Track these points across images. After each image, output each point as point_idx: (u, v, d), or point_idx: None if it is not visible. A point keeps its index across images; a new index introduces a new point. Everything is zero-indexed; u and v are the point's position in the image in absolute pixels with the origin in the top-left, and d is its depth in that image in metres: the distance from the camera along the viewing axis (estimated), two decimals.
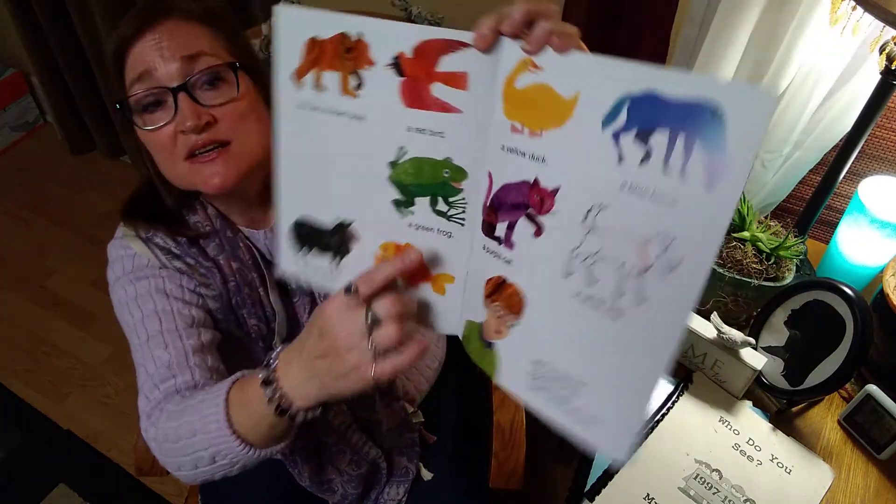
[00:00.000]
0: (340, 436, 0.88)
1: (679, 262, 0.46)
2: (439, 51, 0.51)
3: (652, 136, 0.45)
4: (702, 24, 1.02)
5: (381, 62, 0.53)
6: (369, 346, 0.55)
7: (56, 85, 2.21)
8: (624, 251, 0.48)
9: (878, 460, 0.90)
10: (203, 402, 0.66)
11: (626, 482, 0.86)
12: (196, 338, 0.77)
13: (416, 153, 0.55)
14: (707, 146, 0.43)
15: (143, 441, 1.00)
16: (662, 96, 0.44)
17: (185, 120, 0.71)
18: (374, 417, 0.90)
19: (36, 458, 1.63)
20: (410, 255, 0.57)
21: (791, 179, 1.15)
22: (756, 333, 0.98)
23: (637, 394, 0.50)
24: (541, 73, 0.49)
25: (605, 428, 0.52)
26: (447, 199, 0.56)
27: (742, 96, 0.42)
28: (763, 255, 0.97)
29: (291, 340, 0.87)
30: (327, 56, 0.54)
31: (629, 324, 0.49)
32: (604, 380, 0.52)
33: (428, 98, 0.53)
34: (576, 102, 0.48)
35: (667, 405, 0.94)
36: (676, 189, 0.45)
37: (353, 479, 0.90)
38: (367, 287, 0.56)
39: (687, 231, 0.45)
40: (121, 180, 2.32)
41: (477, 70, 0.51)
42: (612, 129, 0.47)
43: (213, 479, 0.69)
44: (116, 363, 1.83)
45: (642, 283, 0.48)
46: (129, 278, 0.80)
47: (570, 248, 0.51)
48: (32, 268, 2.07)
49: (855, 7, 0.83)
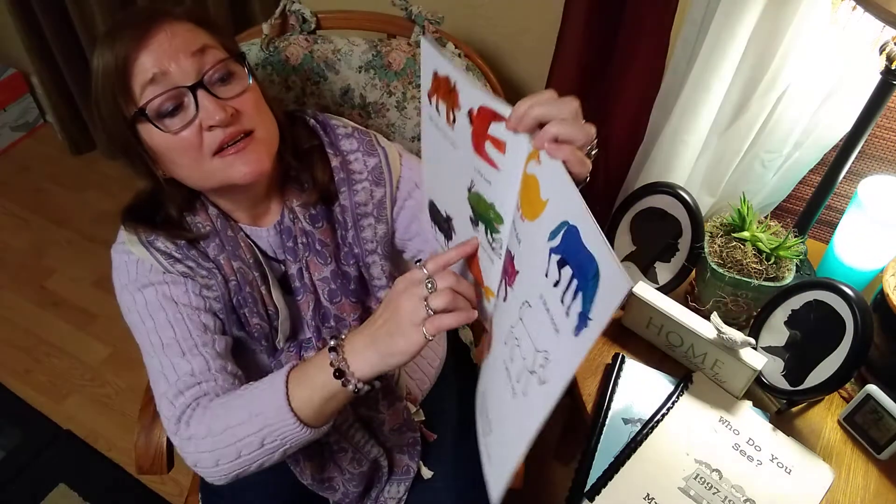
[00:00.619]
0: (343, 434, 0.88)
1: (546, 380, 0.53)
2: (490, 117, 0.59)
3: (564, 268, 0.51)
4: (702, 24, 1.02)
5: (464, 109, 0.62)
6: (426, 306, 0.64)
7: (56, 85, 2.21)
8: (526, 349, 0.57)
9: (878, 460, 0.90)
10: (258, 388, 0.73)
11: (626, 482, 0.86)
12: (212, 346, 0.79)
13: (478, 189, 0.65)
14: (583, 299, 0.48)
15: (143, 440, 1.00)
16: (580, 238, 0.49)
17: (211, 115, 0.72)
18: (376, 417, 0.90)
19: (36, 458, 1.62)
20: (472, 243, 0.68)
21: (791, 179, 1.15)
22: (756, 333, 0.98)
23: (508, 458, 0.59)
24: (538, 168, 0.55)
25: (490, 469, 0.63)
26: (493, 234, 0.66)
27: (612, 272, 0.45)
28: (763, 255, 0.97)
29: (295, 338, 0.88)
30: (442, 89, 0.65)
31: (516, 404, 0.59)
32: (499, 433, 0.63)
33: (482, 150, 0.61)
34: (545, 207, 0.54)
35: (667, 405, 0.94)
36: (561, 321, 0.51)
37: (355, 477, 0.90)
38: (433, 265, 0.66)
39: (557, 358, 0.52)
40: (121, 180, 2.32)
41: (511, 143, 0.58)
42: (550, 246, 0.53)
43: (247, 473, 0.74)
44: (116, 363, 1.83)
45: (527, 382, 0.56)
46: (134, 286, 0.80)
47: (510, 325, 0.61)
48: (32, 268, 2.07)
49: (855, 7, 0.83)
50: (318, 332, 0.86)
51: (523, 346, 0.57)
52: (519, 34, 1.33)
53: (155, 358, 0.78)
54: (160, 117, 0.73)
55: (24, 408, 1.73)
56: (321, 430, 0.73)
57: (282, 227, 0.84)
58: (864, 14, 0.80)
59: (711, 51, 0.98)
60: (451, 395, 1.06)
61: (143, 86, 0.72)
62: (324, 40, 1.07)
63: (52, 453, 1.64)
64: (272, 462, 0.74)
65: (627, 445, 0.89)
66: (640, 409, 0.94)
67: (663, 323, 0.97)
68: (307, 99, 1.09)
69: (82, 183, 2.34)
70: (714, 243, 1.00)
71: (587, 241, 0.48)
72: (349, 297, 0.86)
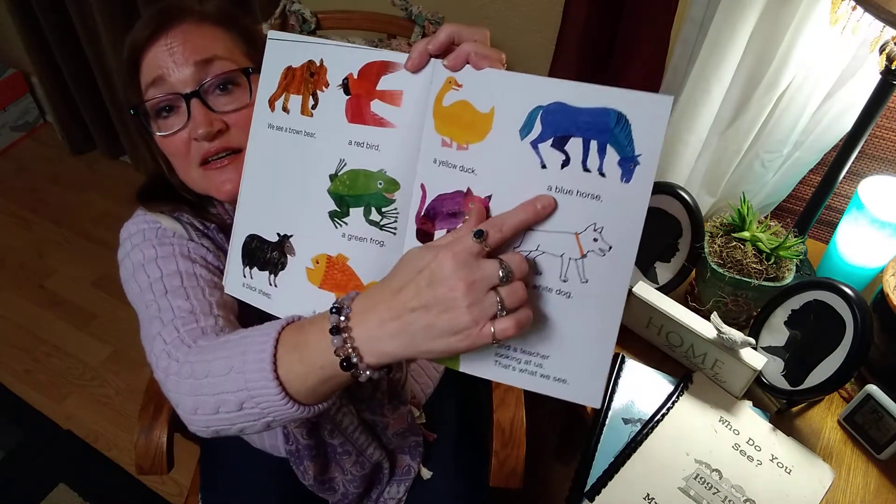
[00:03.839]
0: (347, 437, 0.88)
1: (610, 246, 0.52)
2: (380, 71, 0.57)
3: (567, 143, 0.51)
4: (702, 24, 1.02)
5: (334, 83, 0.59)
6: (497, 301, 0.50)
7: (56, 85, 2.21)
8: (561, 245, 0.53)
9: (878, 460, 0.90)
10: (247, 338, 0.58)
11: (626, 482, 0.86)
12: (219, 296, 0.72)
13: (354, 165, 0.59)
14: (618, 147, 0.50)
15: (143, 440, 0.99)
16: (571, 106, 0.50)
17: (196, 127, 0.71)
18: (380, 421, 0.90)
19: (36, 458, 1.62)
20: (544, 201, 0.52)
21: (791, 179, 1.15)
22: (756, 333, 0.98)
23: (598, 351, 0.55)
24: (461, 91, 0.54)
25: (575, 386, 0.57)
26: (380, 209, 0.59)
27: (642, 102, 0.49)
28: (763, 255, 0.97)
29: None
30: (296, 81, 0.61)
31: (579, 300, 0.54)
32: (564, 350, 0.56)
33: (367, 114, 0.58)
34: (493, 117, 0.53)
35: (667, 405, 0.94)
36: (599, 186, 0.51)
37: (356, 479, 0.90)
38: (497, 233, 0.51)
39: (613, 219, 0.52)
40: (121, 180, 2.32)
41: (410, 89, 0.57)
42: (530, 139, 0.52)
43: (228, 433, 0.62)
44: (116, 363, 1.83)
45: (582, 268, 0.53)
46: (150, 243, 0.75)
47: (511, 247, 0.54)
48: (32, 268, 2.07)
49: (855, 7, 0.83)
50: None
51: (552, 247, 0.53)
52: (519, 34, 1.33)
53: (153, 305, 0.70)
54: (156, 117, 0.74)
55: (24, 408, 1.73)
56: (315, 409, 0.58)
57: None
58: (864, 14, 0.80)
59: (711, 51, 0.98)
60: (452, 395, 1.06)
61: (147, 85, 0.73)
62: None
63: (52, 453, 1.64)
64: (256, 430, 0.61)
65: (627, 445, 0.89)
66: (640, 409, 0.94)
67: (663, 323, 0.97)
68: None
69: (82, 183, 2.34)
70: (714, 243, 1.00)
71: (582, 103, 0.50)
72: None
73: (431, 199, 0.57)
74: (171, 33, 0.72)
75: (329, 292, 0.62)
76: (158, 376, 0.65)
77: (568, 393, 0.57)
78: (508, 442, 0.95)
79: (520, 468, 0.94)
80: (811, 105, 1.03)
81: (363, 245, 0.60)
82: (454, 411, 1.04)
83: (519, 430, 0.96)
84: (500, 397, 0.99)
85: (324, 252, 0.62)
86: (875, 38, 0.86)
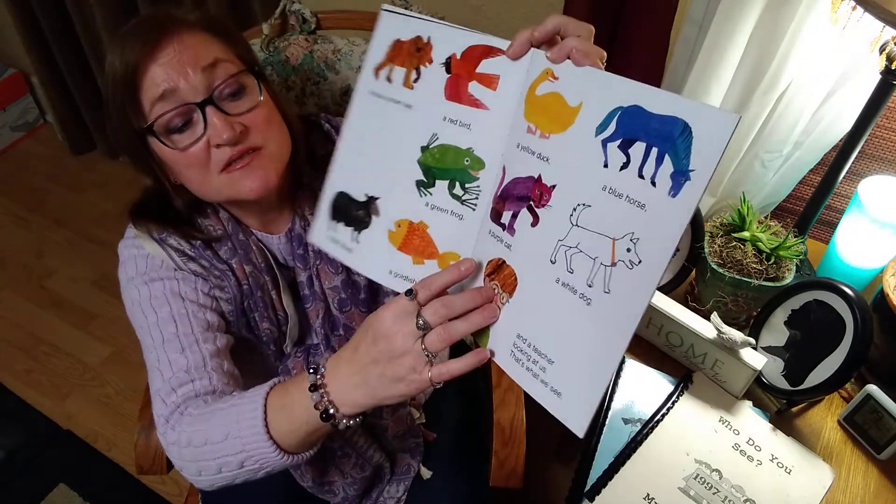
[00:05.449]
0: (346, 440, 0.88)
1: (640, 260, 0.52)
2: (482, 55, 0.59)
3: (632, 146, 0.52)
4: (702, 24, 1.02)
5: (438, 61, 0.61)
6: (423, 349, 0.58)
7: (56, 85, 2.21)
8: (597, 247, 0.54)
9: (878, 460, 0.90)
10: (237, 406, 0.66)
11: (626, 482, 0.86)
12: (213, 342, 0.76)
13: (445, 140, 0.62)
14: (675, 158, 0.49)
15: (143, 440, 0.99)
16: (646, 110, 0.51)
17: (220, 133, 0.70)
18: (380, 423, 0.90)
19: (36, 458, 1.62)
20: (466, 265, 0.61)
21: (791, 179, 1.15)
22: (756, 333, 0.98)
23: (596, 375, 0.55)
24: (557, 83, 0.56)
25: (567, 402, 0.58)
26: (464, 184, 0.63)
27: (708, 117, 0.48)
28: (763, 255, 0.97)
29: (303, 344, 0.88)
30: (402, 54, 0.63)
31: (596, 311, 0.55)
32: (569, 360, 0.57)
33: (464, 94, 0.61)
34: (578, 111, 0.55)
35: (667, 405, 0.94)
36: (647, 195, 0.51)
37: (356, 481, 0.90)
38: (425, 291, 0.59)
39: (650, 232, 0.51)
40: (121, 180, 2.32)
41: (507, 75, 0.59)
42: (603, 137, 0.53)
43: (232, 484, 0.69)
44: (116, 363, 1.83)
45: (608, 276, 0.54)
46: (142, 279, 0.78)
47: (556, 239, 0.57)
48: (32, 268, 2.07)
49: (855, 7, 0.83)
50: (326, 340, 0.86)
51: (589, 247, 0.55)
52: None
53: (153, 353, 0.76)
54: (169, 133, 0.72)
55: (24, 408, 1.73)
56: (306, 455, 0.67)
57: (293, 234, 0.83)
58: (864, 14, 0.80)
59: (711, 51, 0.98)
60: (451, 395, 1.06)
61: (153, 102, 0.70)
62: (324, 40, 1.06)
63: (52, 453, 1.64)
64: (258, 478, 0.69)
65: (627, 445, 0.89)
66: (640, 409, 0.94)
67: (663, 323, 0.97)
68: (307, 99, 1.09)
69: (82, 183, 2.34)
70: (714, 243, 1.00)
71: (657, 109, 0.50)
72: (359, 307, 0.86)
73: (508, 181, 0.60)
74: (169, 45, 0.70)
75: (406, 255, 0.66)
76: (160, 440, 0.73)
77: (558, 407, 0.58)
78: (508, 441, 0.95)
79: (520, 468, 0.94)
80: (811, 105, 1.03)
81: (444, 216, 0.64)
82: (454, 411, 1.04)
83: (519, 429, 0.96)
84: (500, 397, 0.99)
85: (406, 217, 0.66)
86: (875, 38, 0.86)
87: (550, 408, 0.58)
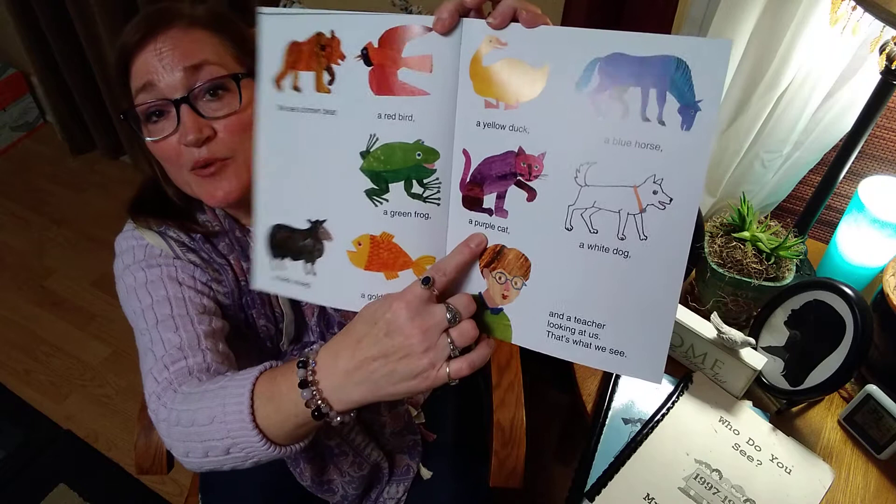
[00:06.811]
0: (343, 438, 0.88)
1: (671, 198, 0.51)
2: (404, 37, 0.54)
3: (626, 93, 0.50)
4: (702, 24, 1.02)
5: (352, 55, 0.55)
6: (449, 343, 0.54)
7: (56, 85, 2.21)
8: (619, 199, 0.52)
9: (878, 460, 0.90)
10: (225, 389, 0.62)
11: (626, 482, 0.86)
12: (208, 324, 0.75)
13: (388, 139, 0.56)
14: (678, 94, 0.49)
15: (143, 440, 0.99)
16: (630, 56, 0.50)
17: (186, 133, 0.71)
18: (377, 420, 0.90)
19: (36, 458, 1.63)
20: (476, 240, 0.57)
21: (791, 179, 1.15)
22: (756, 333, 0.98)
23: (659, 320, 0.54)
24: (507, 49, 0.52)
25: (634, 359, 0.55)
26: (421, 181, 0.57)
27: (700, 47, 0.48)
28: (763, 255, 0.97)
29: (299, 341, 0.88)
30: (304, 57, 0.57)
31: (637, 261, 0.53)
32: (622, 317, 0.55)
33: (395, 83, 0.55)
34: (547, 72, 0.52)
35: (667, 405, 0.94)
36: (658, 135, 0.50)
37: (355, 480, 0.90)
38: (443, 277, 0.55)
39: (674, 169, 0.50)
40: (121, 180, 2.32)
41: (440, 52, 0.54)
42: (588, 91, 0.51)
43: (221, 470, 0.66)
44: (116, 363, 1.83)
45: (641, 224, 0.52)
46: (140, 266, 0.78)
47: (566, 205, 0.54)
48: (32, 268, 2.07)
49: (855, 7, 0.83)
50: (322, 337, 0.86)
51: (609, 202, 0.52)
52: None
53: (146, 335, 0.73)
54: (147, 122, 0.74)
55: (24, 408, 1.73)
56: (296, 447, 0.63)
57: None
58: (864, 14, 0.80)
59: None
60: (452, 395, 1.06)
61: (137, 90, 0.73)
62: None
63: (52, 453, 1.64)
64: (245, 467, 0.65)
65: (627, 445, 0.89)
66: (640, 409, 0.94)
67: None
68: None
69: (82, 183, 2.34)
70: (714, 243, 1.00)
71: (641, 52, 0.49)
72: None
73: (478, 163, 0.56)
74: (160, 39, 0.71)
75: (377, 272, 0.60)
76: (151, 417, 0.69)
77: (626, 367, 0.55)
78: (508, 442, 0.95)
79: (520, 468, 0.94)
80: (811, 105, 1.03)
81: (407, 220, 0.58)
82: (454, 411, 1.04)
83: (519, 429, 0.96)
84: (500, 397, 0.99)
85: (365, 232, 0.59)
86: (875, 38, 0.86)
87: (617, 369, 0.56)
